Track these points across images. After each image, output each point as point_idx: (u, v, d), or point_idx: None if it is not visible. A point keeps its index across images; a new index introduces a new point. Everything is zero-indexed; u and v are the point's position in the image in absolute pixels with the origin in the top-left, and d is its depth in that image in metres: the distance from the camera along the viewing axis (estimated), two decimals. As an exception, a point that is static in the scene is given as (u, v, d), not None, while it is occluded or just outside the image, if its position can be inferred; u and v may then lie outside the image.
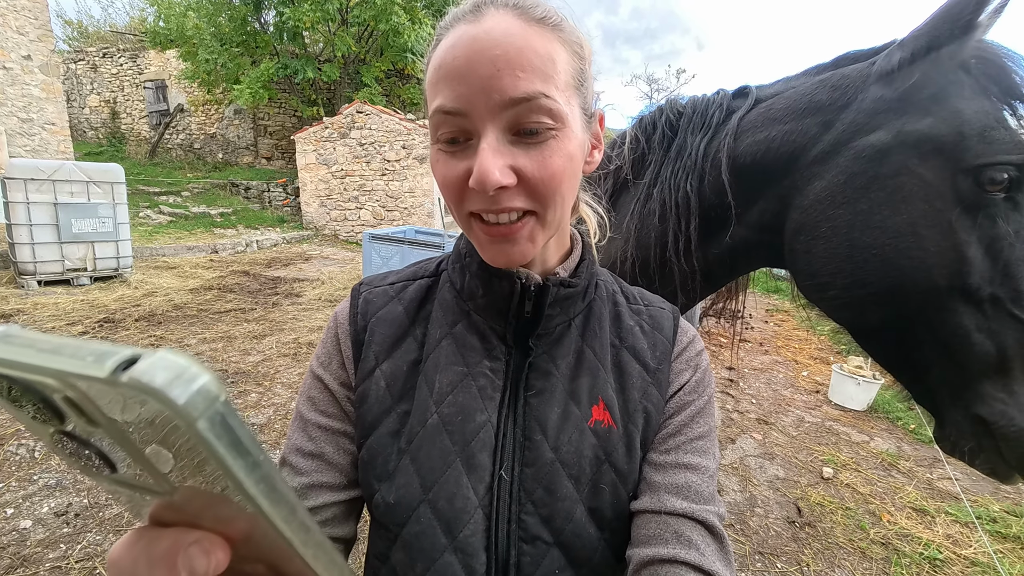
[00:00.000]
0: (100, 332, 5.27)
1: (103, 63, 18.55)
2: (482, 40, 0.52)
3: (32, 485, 2.81)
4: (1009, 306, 0.80)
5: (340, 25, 14.04)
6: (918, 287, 0.86)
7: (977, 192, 0.81)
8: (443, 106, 0.54)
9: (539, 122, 0.53)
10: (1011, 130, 0.82)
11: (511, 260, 0.59)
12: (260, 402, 4.03)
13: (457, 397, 0.64)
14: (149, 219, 11.74)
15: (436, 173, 0.59)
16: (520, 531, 0.61)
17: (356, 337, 0.70)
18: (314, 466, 0.67)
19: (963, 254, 0.82)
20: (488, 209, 0.56)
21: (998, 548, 2.82)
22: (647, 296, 0.78)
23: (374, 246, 6.51)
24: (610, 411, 0.66)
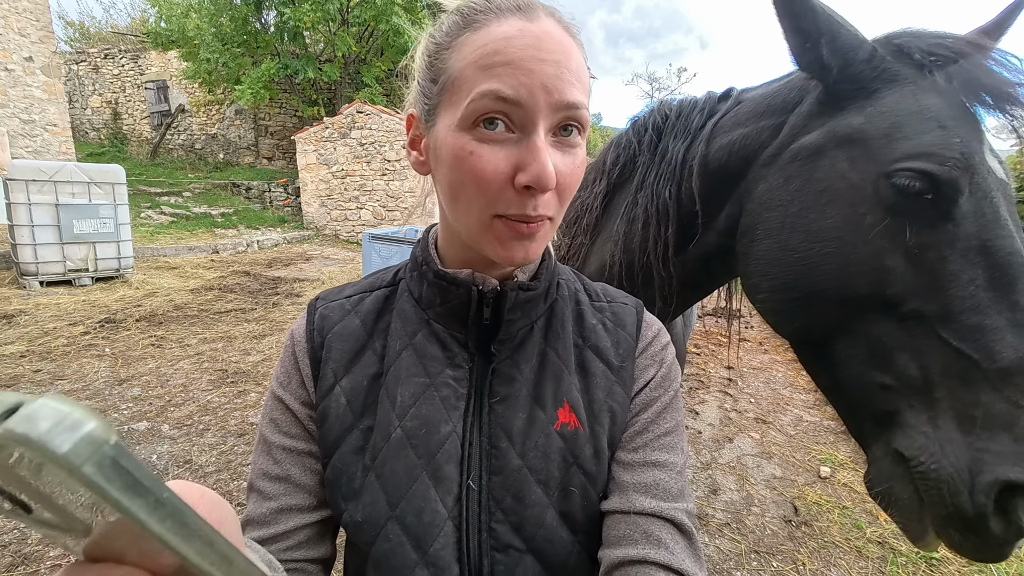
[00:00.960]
0: (101, 332, 5.29)
1: (105, 64, 18.61)
2: (545, 40, 0.53)
3: (33, 484, 2.83)
4: (935, 325, 0.73)
5: (341, 25, 14.05)
6: (837, 295, 0.81)
7: (899, 197, 0.75)
8: (501, 91, 0.51)
9: (576, 129, 0.56)
10: (949, 130, 0.74)
11: (527, 257, 0.58)
12: (259, 402, 4.04)
13: (420, 409, 0.63)
14: (150, 219, 11.78)
15: (467, 166, 0.54)
16: (492, 540, 0.60)
17: (314, 354, 0.68)
18: (282, 489, 0.66)
19: (883, 263, 0.77)
20: (526, 216, 0.54)
21: (995, 547, 2.82)
22: (610, 292, 0.77)
23: (374, 246, 6.52)
24: (576, 413, 0.65)
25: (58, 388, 4.01)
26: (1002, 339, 0.68)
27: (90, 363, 4.54)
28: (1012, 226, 0.73)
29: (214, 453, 3.28)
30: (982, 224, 0.72)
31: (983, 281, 0.71)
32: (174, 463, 3.14)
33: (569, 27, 0.57)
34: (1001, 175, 0.77)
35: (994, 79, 0.75)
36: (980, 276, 0.71)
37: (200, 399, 4.02)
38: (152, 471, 0.24)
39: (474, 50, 0.54)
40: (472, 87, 0.53)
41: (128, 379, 4.28)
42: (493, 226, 0.56)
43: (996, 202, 0.74)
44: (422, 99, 0.62)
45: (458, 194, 0.57)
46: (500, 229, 0.56)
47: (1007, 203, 0.75)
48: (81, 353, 4.74)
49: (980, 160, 0.74)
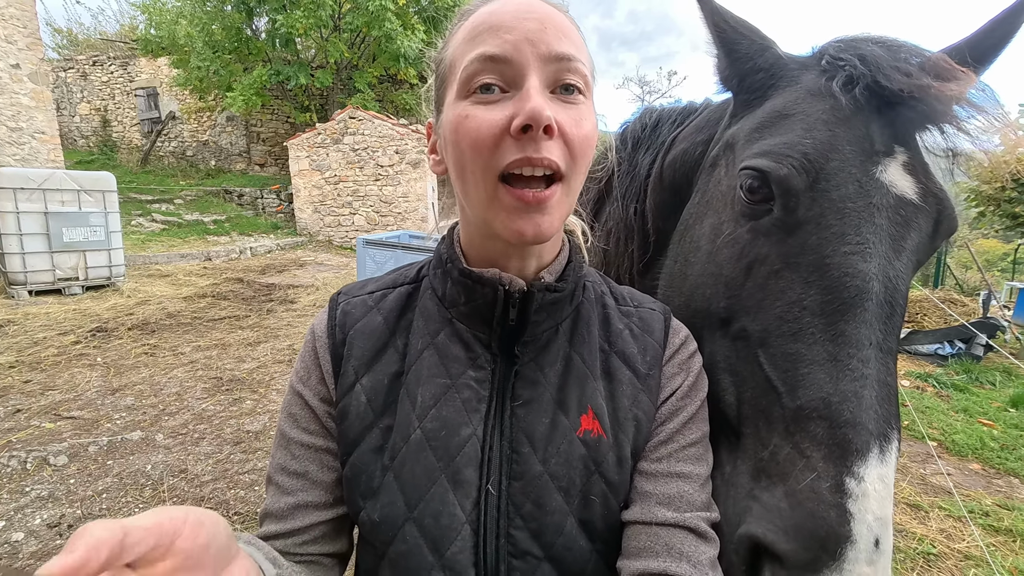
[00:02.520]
0: (93, 341, 5.23)
1: (93, 71, 18.47)
2: (526, 5, 0.56)
3: (24, 497, 2.78)
4: (757, 348, 0.66)
5: (333, 31, 14.06)
6: (692, 306, 0.78)
7: (744, 201, 0.69)
8: (486, 52, 0.53)
9: (575, 82, 0.56)
10: (808, 133, 0.66)
11: (540, 232, 0.56)
12: (255, 409, 4.01)
13: (440, 411, 0.62)
14: (142, 227, 11.67)
15: (463, 130, 0.54)
16: (509, 546, 0.59)
17: (335, 351, 0.67)
18: (299, 485, 0.66)
19: (723, 272, 0.72)
20: (528, 159, 0.53)
21: (990, 542, 2.85)
22: (637, 296, 0.75)
23: (368, 251, 6.49)
24: (599, 420, 0.63)
25: (49, 398, 3.95)
26: (811, 374, 0.59)
27: (82, 373, 4.48)
28: (870, 244, 0.62)
29: (210, 462, 3.24)
30: (823, 237, 0.63)
31: (812, 303, 0.62)
32: (169, 473, 3.10)
33: (557, 4, 0.59)
34: (897, 188, 0.65)
35: (897, 83, 0.64)
36: (810, 297, 0.62)
37: (195, 407, 3.97)
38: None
39: (463, 31, 0.58)
40: (463, 58, 0.56)
41: (121, 388, 4.23)
42: (498, 196, 0.55)
43: (849, 215, 0.63)
44: (432, 101, 0.64)
45: (462, 165, 0.56)
46: (505, 199, 0.55)
47: (879, 219, 0.63)
48: (72, 363, 4.68)
49: (840, 166, 0.65)
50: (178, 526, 0.39)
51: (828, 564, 0.52)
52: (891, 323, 0.62)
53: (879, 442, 0.56)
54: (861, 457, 0.55)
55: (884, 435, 0.57)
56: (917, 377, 5.70)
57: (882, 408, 0.58)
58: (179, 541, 0.39)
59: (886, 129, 0.67)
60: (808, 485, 0.56)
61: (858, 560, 0.52)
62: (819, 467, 0.56)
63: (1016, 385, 5.41)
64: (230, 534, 0.45)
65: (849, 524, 0.53)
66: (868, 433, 0.56)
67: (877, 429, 0.56)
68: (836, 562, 0.52)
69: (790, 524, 0.55)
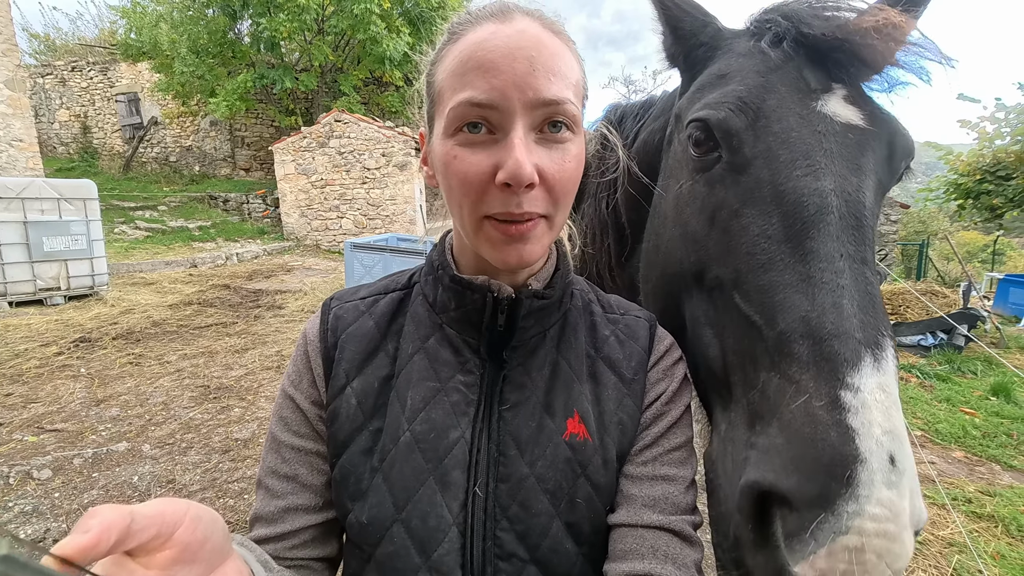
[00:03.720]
0: (76, 352, 5.14)
1: (72, 77, 18.16)
2: (517, 39, 0.54)
3: (8, 512, 2.73)
4: (732, 292, 0.65)
5: (317, 34, 13.96)
6: (667, 271, 0.78)
7: (694, 157, 0.72)
8: (473, 98, 0.53)
9: (561, 125, 0.56)
10: (741, 82, 0.69)
11: (522, 260, 0.58)
12: (244, 416, 3.97)
13: (430, 413, 0.64)
14: (125, 235, 11.49)
15: (452, 169, 0.56)
16: (496, 548, 0.60)
17: (327, 354, 0.68)
18: (289, 488, 0.66)
19: (689, 230, 0.73)
20: (510, 214, 0.55)
21: (973, 528, 2.91)
22: (623, 304, 0.77)
23: (356, 255, 6.46)
24: (585, 423, 0.64)
25: (31, 411, 3.88)
26: (786, 298, 0.58)
27: (65, 384, 4.40)
28: (821, 165, 0.62)
29: (198, 471, 3.21)
30: (774, 168, 0.63)
31: (776, 231, 0.61)
32: (156, 484, 3.05)
33: (552, 25, 0.59)
34: (841, 117, 0.66)
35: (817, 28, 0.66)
36: (772, 226, 0.62)
37: (182, 417, 3.92)
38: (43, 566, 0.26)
39: (453, 59, 0.57)
40: (452, 96, 0.55)
41: (106, 399, 4.16)
42: (483, 228, 0.57)
43: (795, 143, 0.64)
44: (425, 115, 0.65)
45: (451, 198, 0.59)
46: (490, 232, 0.57)
47: (827, 144, 0.64)
48: (55, 374, 4.59)
49: (778, 103, 0.66)
50: (179, 517, 0.40)
51: (840, 494, 0.45)
52: (860, 235, 0.60)
53: (871, 350, 0.52)
54: (853, 367, 0.50)
55: (875, 343, 0.52)
56: (901, 368, 5.79)
57: (867, 316, 0.54)
58: (179, 532, 0.39)
59: (820, 72, 0.69)
60: (802, 410, 0.51)
61: (873, 482, 0.45)
62: (810, 388, 0.51)
63: (996, 374, 5.53)
64: (226, 533, 0.46)
65: (854, 441, 0.47)
66: (856, 342, 0.52)
67: (866, 337, 0.52)
68: (849, 489, 0.45)
69: (789, 458, 0.50)
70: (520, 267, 0.59)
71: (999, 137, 9.78)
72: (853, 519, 0.45)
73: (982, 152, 9.93)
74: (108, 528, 0.33)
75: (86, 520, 0.34)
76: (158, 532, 0.38)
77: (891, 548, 0.45)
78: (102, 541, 0.33)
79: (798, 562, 0.47)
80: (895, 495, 0.45)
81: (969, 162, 10.03)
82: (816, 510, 0.46)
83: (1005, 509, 3.06)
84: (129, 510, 0.36)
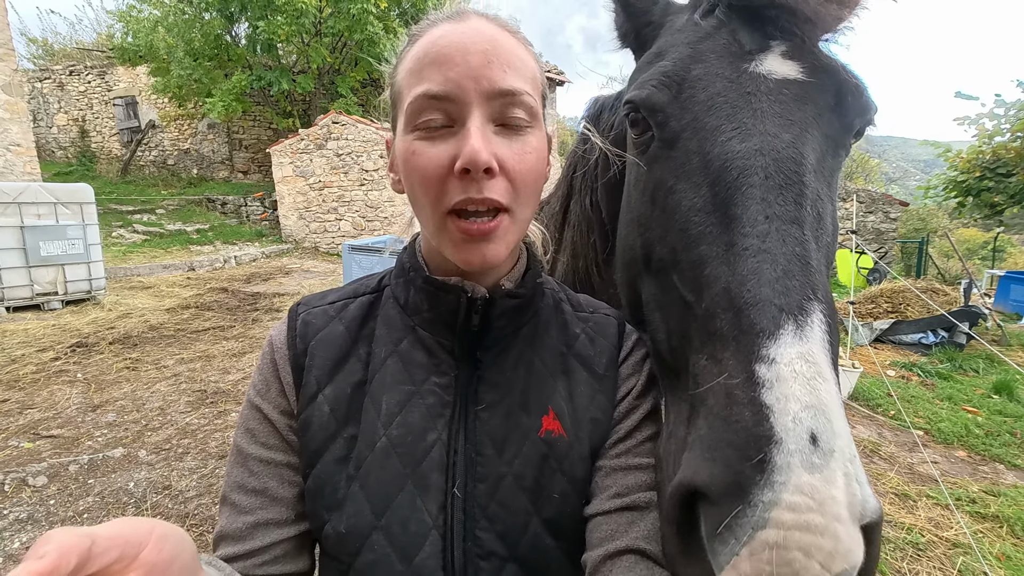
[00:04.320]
0: (73, 357, 5.11)
1: (70, 81, 18.15)
2: (472, 34, 0.56)
3: (2, 520, 2.70)
4: (672, 273, 0.62)
5: (314, 36, 13.95)
6: (627, 258, 0.75)
7: (633, 141, 0.71)
8: (429, 90, 0.54)
9: (520, 116, 0.57)
10: (666, 57, 0.67)
11: (486, 260, 0.58)
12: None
13: (406, 417, 0.63)
14: (122, 238, 11.47)
15: (411, 166, 0.56)
16: (476, 548, 0.60)
17: (296, 362, 0.67)
18: (258, 503, 0.64)
19: (636, 215, 0.70)
20: (471, 200, 0.54)
21: (977, 529, 2.88)
22: (593, 303, 0.78)
23: (355, 257, 6.44)
24: (560, 420, 0.65)
25: (28, 417, 3.85)
26: (712, 271, 0.54)
27: (61, 389, 4.37)
28: (748, 126, 0.58)
29: (194, 477, 3.18)
30: (701, 137, 0.60)
31: (705, 203, 0.58)
32: (152, 490, 3.03)
33: (507, 25, 0.60)
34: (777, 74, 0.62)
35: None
36: (702, 198, 0.58)
37: (178, 422, 3.90)
38: None
39: (410, 59, 0.58)
40: (409, 92, 0.57)
41: (102, 404, 4.13)
42: (447, 227, 0.57)
43: (721, 108, 0.60)
44: (391, 120, 0.65)
45: (414, 196, 0.59)
46: (452, 231, 0.57)
47: (757, 104, 0.60)
48: (52, 380, 4.57)
49: (704, 71, 0.63)
50: (143, 537, 0.39)
51: (756, 481, 0.40)
52: (791, 193, 0.54)
53: (793, 317, 0.46)
54: (769, 336, 0.46)
55: (799, 308, 0.47)
56: (902, 367, 5.78)
57: (792, 281, 0.49)
58: (144, 553, 0.38)
59: (756, 33, 0.64)
60: (720, 391, 0.46)
61: (790, 466, 0.40)
62: (729, 366, 0.47)
63: (998, 372, 5.50)
64: (194, 552, 0.45)
65: (768, 419, 0.42)
66: (776, 309, 0.47)
67: (788, 303, 0.47)
68: (763, 475, 0.40)
69: (706, 446, 0.45)
70: (484, 268, 0.59)
71: (998, 134, 9.77)
72: (769, 510, 0.39)
73: (981, 149, 9.93)
74: (66, 553, 0.32)
75: (40, 546, 0.32)
76: (121, 554, 0.37)
77: (820, 544, 0.38)
78: (61, 566, 0.31)
79: (723, 567, 0.41)
80: (819, 480, 0.39)
81: (969, 159, 10.03)
82: (733, 502, 0.41)
83: (1010, 509, 3.03)
84: (88, 532, 0.35)
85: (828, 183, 0.60)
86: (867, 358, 5.90)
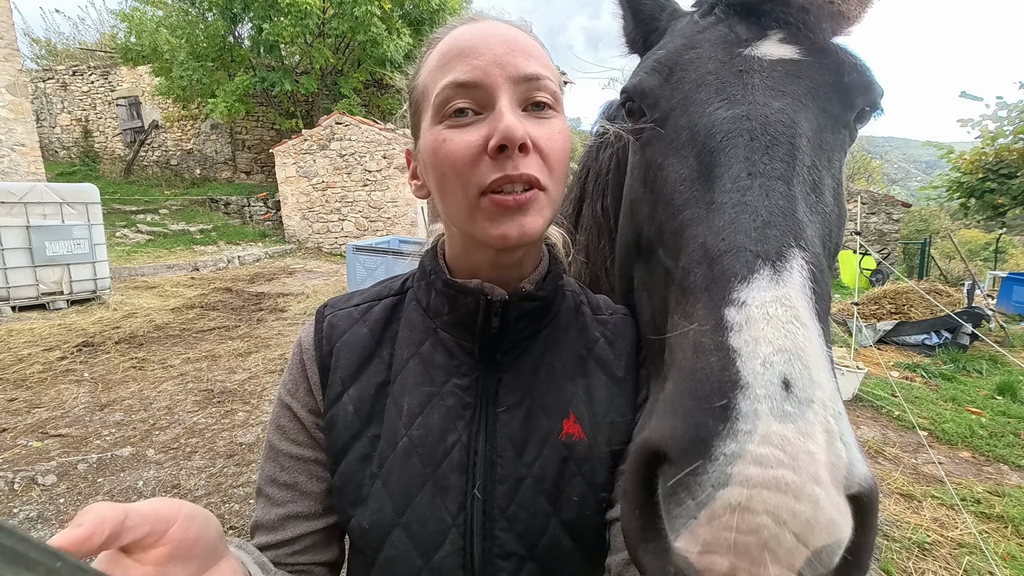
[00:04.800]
0: (79, 356, 5.13)
1: (73, 81, 18.20)
2: (491, 28, 0.59)
3: (12, 519, 2.72)
4: (658, 249, 0.61)
5: (318, 37, 13.98)
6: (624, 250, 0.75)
7: (629, 131, 0.71)
8: (457, 79, 0.56)
9: (546, 99, 0.58)
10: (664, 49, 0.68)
11: (524, 233, 0.56)
12: (248, 420, 3.96)
13: (427, 418, 0.64)
14: (127, 238, 11.51)
15: (442, 154, 0.57)
16: (495, 547, 0.61)
17: (322, 363, 0.69)
18: (289, 496, 0.67)
19: (631, 204, 0.71)
20: (508, 177, 0.54)
21: (983, 528, 2.89)
22: (611, 305, 0.78)
23: (358, 257, 6.46)
24: (580, 423, 0.65)
25: (35, 416, 3.87)
26: (692, 232, 0.51)
27: (68, 389, 4.39)
28: (737, 96, 0.57)
29: (203, 476, 3.20)
30: (690, 112, 0.59)
31: (691, 172, 0.56)
32: (161, 488, 3.05)
33: (519, 25, 0.62)
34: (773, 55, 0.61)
35: None
36: (688, 167, 0.57)
37: (186, 421, 3.91)
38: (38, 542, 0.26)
39: (432, 59, 0.60)
40: (435, 85, 0.58)
41: (109, 404, 4.15)
42: (480, 205, 0.56)
43: (710, 83, 0.60)
44: (410, 128, 0.66)
45: (443, 187, 0.59)
46: (487, 207, 0.56)
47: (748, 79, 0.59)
48: (58, 379, 4.59)
49: (696, 55, 0.63)
50: (173, 515, 0.42)
51: (718, 432, 0.35)
52: (776, 151, 0.51)
53: (771, 263, 0.43)
54: (743, 280, 0.42)
55: (778, 254, 0.43)
56: (905, 368, 5.79)
57: (772, 230, 0.45)
58: (172, 530, 0.41)
59: (754, 25, 0.63)
60: (688, 341, 0.42)
61: (757, 413, 0.34)
62: (699, 316, 0.43)
63: (1002, 372, 5.50)
64: (220, 534, 0.48)
65: (735, 364, 0.37)
66: (751, 255, 0.43)
67: (765, 249, 0.44)
68: (727, 424, 0.35)
69: (669, 402, 0.40)
70: (521, 243, 0.57)
71: (1001, 135, 9.77)
72: (732, 463, 0.34)
73: (984, 150, 9.93)
74: (102, 522, 0.35)
75: (82, 515, 0.35)
76: (152, 529, 0.40)
77: (794, 508, 0.32)
78: (96, 534, 0.34)
79: (678, 534, 0.35)
80: (792, 431, 0.34)
81: (972, 160, 10.03)
82: (693, 458, 0.35)
83: (1014, 509, 3.04)
84: (124, 508, 0.38)
85: (828, 159, 0.57)
86: (871, 359, 5.91)
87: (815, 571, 0.32)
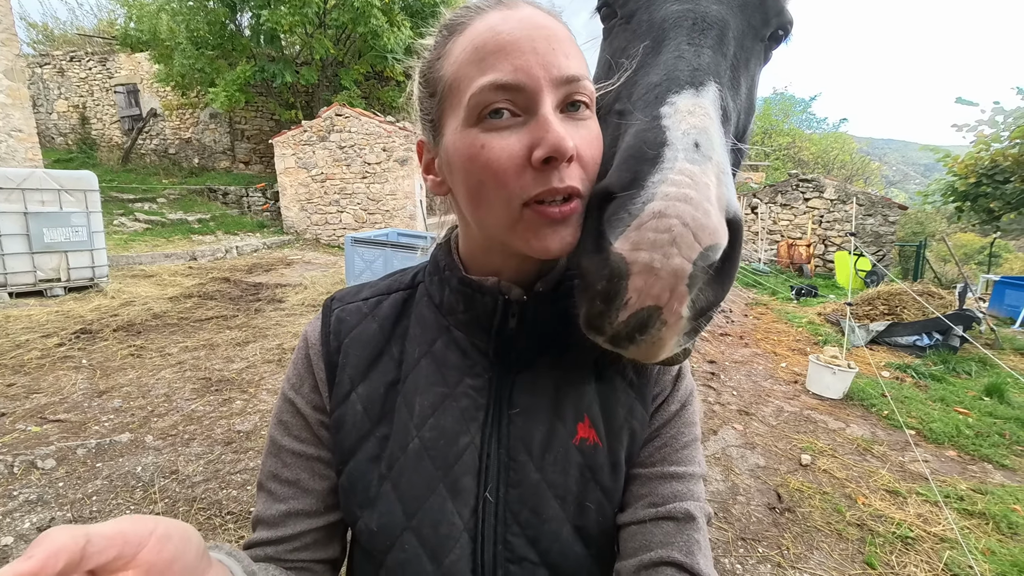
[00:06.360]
0: (77, 343, 5.15)
1: (71, 67, 18.05)
2: (530, 21, 0.54)
3: (12, 501, 2.76)
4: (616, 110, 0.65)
5: (318, 28, 13.90)
6: None
7: (604, 32, 0.73)
8: (498, 80, 0.51)
9: (584, 102, 0.55)
10: None
11: (564, 245, 0.54)
12: (245, 409, 4.00)
13: (439, 420, 0.63)
14: (124, 227, 11.47)
15: (481, 161, 0.52)
16: (507, 552, 0.60)
17: (329, 359, 0.67)
18: (291, 493, 0.66)
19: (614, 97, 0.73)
20: (554, 190, 0.51)
21: (964, 525, 2.96)
22: None
23: (356, 249, 6.48)
24: (595, 428, 0.64)
25: (34, 402, 3.90)
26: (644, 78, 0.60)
27: (67, 375, 4.42)
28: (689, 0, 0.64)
29: (201, 463, 3.24)
30: (652, 8, 0.65)
31: (647, 48, 0.62)
32: (160, 474, 3.08)
33: (551, 11, 0.58)
34: None
35: None
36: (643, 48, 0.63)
37: (184, 408, 3.95)
38: None
39: (463, 49, 0.54)
40: (470, 83, 0.53)
41: (108, 390, 4.18)
42: (523, 217, 0.53)
43: None
44: (425, 120, 0.61)
45: (479, 194, 0.55)
46: (531, 218, 0.53)
47: None
48: (56, 365, 4.61)
49: None
50: (143, 537, 0.39)
51: (649, 172, 0.49)
52: (709, 33, 0.61)
53: (695, 86, 0.55)
54: (675, 91, 0.54)
55: (700, 83, 0.56)
56: (897, 368, 5.86)
57: (697, 72, 0.57)
58: (143, 553, 0.38)
59: None
60: (634, 130, 0.55)
61: (676, 158, 0.49)
62: (642, 115, 0.55)
63: (990, 374, 5.59)
64: (201, 550, 0.45)
65: (664, 133, 0.51)
66: (682, 81, 0.55)
67: (691, 79, 0.55)
68: (655, 166, 0.49)
69: (617, 162, 0.54)
70: (561, 254, 0.55)
71: (997, 140, 9.83)
72: (657, 186, 0.48)
73: (979, 155, 9.98)
74: (55, 553, 0.33)
75: (34, 545, 0.33)
76: (120, 552, 0.37)
77: (695, 216, 0.46)
78: (47, 567, 0.32)
79: (616, 238, 0.50)
80: (698, 170, 0.49)
81: (967, 164, 10.08)
82: (630, 190, 0.50)
83: (996, 507, 3.11)
84: (85, 532, 0.35)
85: (747, 59, 0.66)
86: (863, 359, 5.98)
87: (704, 262, 0.47)
